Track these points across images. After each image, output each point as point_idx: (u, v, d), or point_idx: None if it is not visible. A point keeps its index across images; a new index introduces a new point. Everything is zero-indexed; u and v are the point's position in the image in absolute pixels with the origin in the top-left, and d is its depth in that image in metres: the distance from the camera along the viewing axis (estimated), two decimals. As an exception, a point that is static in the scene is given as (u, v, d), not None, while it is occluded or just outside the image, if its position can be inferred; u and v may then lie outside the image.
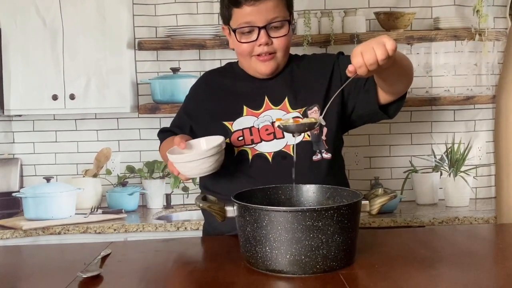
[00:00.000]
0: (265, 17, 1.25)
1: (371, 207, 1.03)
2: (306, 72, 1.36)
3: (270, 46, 1.28)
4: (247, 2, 1.24)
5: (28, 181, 2.07)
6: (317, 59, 1.41)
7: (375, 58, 0.98)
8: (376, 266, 1.00)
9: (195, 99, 1.42)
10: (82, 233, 1.92)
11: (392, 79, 1.17)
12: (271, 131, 1.29)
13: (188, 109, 1.43)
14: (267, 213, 0.94)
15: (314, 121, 1.11)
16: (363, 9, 2.00)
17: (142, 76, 2.04)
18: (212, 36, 2.00)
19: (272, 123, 1.30)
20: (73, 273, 0.99)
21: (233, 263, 1.03)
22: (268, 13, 1.25)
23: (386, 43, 0.98)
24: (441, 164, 2.03)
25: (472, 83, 2.02)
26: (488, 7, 1.98)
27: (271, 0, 1.25)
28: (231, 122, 1.31)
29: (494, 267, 1.05)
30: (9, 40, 2.01)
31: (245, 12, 1.25)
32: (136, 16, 2.01)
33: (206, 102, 1.38)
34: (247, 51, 1.29)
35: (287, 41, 1.29)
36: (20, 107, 2.03)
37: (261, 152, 1.29)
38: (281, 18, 1.27)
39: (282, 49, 1.29)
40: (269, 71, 1.32)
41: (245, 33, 1.28)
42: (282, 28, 1.28)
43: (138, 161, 2.07)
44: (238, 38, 1.29)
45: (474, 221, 1.93)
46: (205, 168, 1.17)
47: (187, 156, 1.18)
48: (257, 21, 1.26)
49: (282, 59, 1.32)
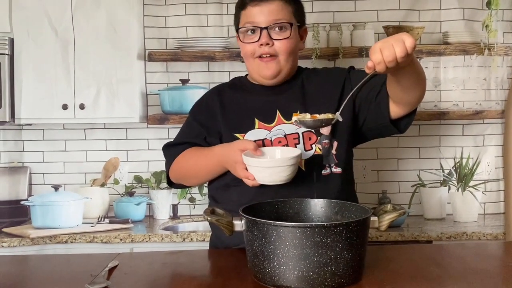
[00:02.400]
0: (268, 18, 1.28)
1: (380, 223, 1.02)
2: (317, 86, 1.36)
3: (271, 48, 1.29)
4: (251, 3, 1.28)
5: (36, 189, 2.08)
6: (328, 73, 1.41)
7: (394, 55, 0.98)
8: (384, 283, 0.99)
9: (207, 110, 1.41)
10: (89, 242, 1.92)
11: (407, 82, 1.15)
12: (284, 143, 1.29)
13: (200, 119, 1.41)
14: (275, 228, 0.94)
15: (332, 117, 1.12)
16: (372, 23, 2.01)
17: (152, 87, 2.05)
18: (222, 49, 2.01)
19: (285, 136, 1.30)
20: (80, 285, 0.99)
21: (240, 278, 1.02)
22: (271, 15, 1.28)
23: (405, 40, 0.98)
24: (449, 178, 2.02)
25: (481, 97, 2.02)
26: (498, 22, 1.98)
27: (275, 3, 1.28)
28: (243, 134, 1.32)
29: (503, 286, 1.04)
30: (21, 49, 2.03)
31: (250, 13, 1.30)
32: (147, 27, 2.03)
33: (218, 114, 1.38)
34: (250, 51, 1.31)
35: (289, 44, 1.30)
36: (30, 116, 2.04)
37: None
38: (283, 20, 1.29)
39: (284, 52, 1.30)
40: (271, 74, 1.32)
41: (248, 34, 1.30)
42: (284, 31, 1.30)
43: (146, 171, 2.08)
44: (242, 38, 1.32)
45: (483, 236, 1.91)
46: (283, 176, 1.16)
47: (266, 161, 1.17)
48: (259, 21, 1.29)
49: (285, 64, 1.32)
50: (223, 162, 1.24)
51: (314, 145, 1.29)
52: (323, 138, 1.30)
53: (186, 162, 1.36)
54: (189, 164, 1.35)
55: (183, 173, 1.37)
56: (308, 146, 1.29)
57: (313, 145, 1.29)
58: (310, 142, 1.29)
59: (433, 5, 2.00)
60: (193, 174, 1.35)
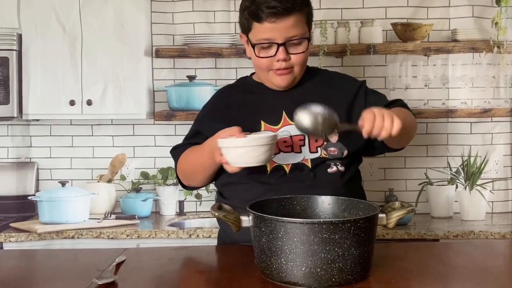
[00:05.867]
0: (285, 35, 1.26)
1: (388, 221, 1.02)
2: (326, 89, 1.35)
3: (288, 62, 1.28)
4: (268, 19, 1.24)
5: (43, 185, 2.10)
6: (340, 79, 1.40)
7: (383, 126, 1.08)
8: (392, 280, 0.98)
9: (213, 114, 1.39)
10: (95, 238, 1.93)
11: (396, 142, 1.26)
12: (289, 144, 1.29)
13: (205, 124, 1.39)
14: (283, 224, 0.94)
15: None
16: (380, 20, 2.00)
17: (159, 83, 2.06)
18: (229, 45, 2.01)
19: (291, 137, 1.29)
20: (87, 279, 0.99)
21: (247, 274, 1.02)
22: (288, 31, 1.25)
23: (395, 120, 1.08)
24: (456, 177, 2.01)
25: (489, 95, 2.01)
26: (507, 19, 1.97)
27: (292, 18, 1.25)
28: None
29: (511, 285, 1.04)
30: (29, 46, 2.04)
31: (266, 28, 1.25)
32: (154, 24, 2.03)
33: (223, 118, 1.36)
34: (265, 65, 1.30)
35: (305, 57, 1.30)
36: (38, 112, 2.06)
37: (279, 164, 1.28)
38: (300, 35, 1.27)
39: (300, 64, 1.30)
40: (285, 84, 1.32)
41: (264, 48, 1.28)
42: (300, 45, 1.28)
43: (153, 167, 2.09)
44: (257, 53, 1.29)
45: (490, 235, 1.90)
46: (252, 157, 1.13)
47: (238, 141, 1.15)
48: (276, 37, 1.26)
49: (299, 73, 1.33)
50: (211, 152, 1.23)
51: (320, 149, 1.28)
52: (330, 145, 1.29)
53: (186, 160, 1.36)
54: (188, 162, 1.35)
55: (187, 173, 1.37)
56: (314, 148, 1.29)
57: (318, 148, 1.28)
58: (316, 145, 1.28)
59: (442, 2, 1.99)
60: (193, 172, 1.34)
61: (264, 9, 1.23)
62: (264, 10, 1.23)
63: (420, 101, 2.02)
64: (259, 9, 1.24)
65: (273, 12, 1.23)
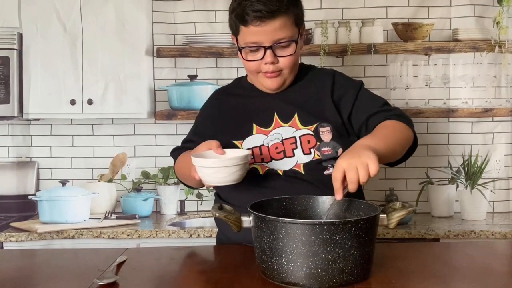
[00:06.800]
0: (272, 38, 1.24)
1: (389, 221, 1.02)
2: (313, 86, 1.35)
3: (276, 65, 1.27)
4: (253, 22, 1.22)
5: (44, 184, 2.09)
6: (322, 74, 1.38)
7: (357, 179, 1.00)
8: (393, 281, 0.98)
9: (205, 121, 1.40)
10: (96, 238, 1.93)
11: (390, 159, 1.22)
12: (281, 149, 1.28)
13: (199, 131, 1.40)
14: (284, 225, 0.94)
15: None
16: (381, 20, 2.00)
17: (160, 83, 2.06)
18: (230, 45, 2.01)
19: (282, 141, 1.28)
20: (88, 279, 0.99)
21: (248, 274, 1.02)
22: (275, 34, 1.24)
23: (370, 165, 1.00)
24: (457, 176, 2.01)
25: (491, 95, 2.00)
26: (509, 18, 1.97)
27: (278, 20, 1.23)
28: (241, 141, 1.30)
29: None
30: (30, 45, 2.04)
31: (252, 32, 1.24)
32: (155, 23, 2.03)
33: (216, 123, 1.37)
34: (254, 68, 1.29)
35: (293, 60, 1.28)
36: (38, 111, 2.05)
37: (272, 168, 1.28)
38: (287, 38, 1.25)
39: (289, 67, 1.29)
40: (275, 87, 1.32)
41: (252, 51, 1.27)
42: (289, 47, 1.27)
43: (153, 167, 2.09)
44: (244, 56, 1.29)
45: (491, 235, 1.90)
46: (222, 176, 1.15)
47: (208, 161, 1.16)
48: (263, 41, 1.24)
49: (289, 75, 1.31)
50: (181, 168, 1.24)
51: (313, 150, 1.27)
52: (323, 146, 1.28)
53: (180, 165, 1.37)
54: (181, 167, 1.36)
55: (182, 177, 1.38)
56: (307, 150, 1.27)
57: (312, 150, 1.28)
58: (309, 146, 1.27)
59: (443, 1, 1.99)
60: (187, 177, 1.31)
61: (250, 12, 1.22)
62: (250, 14, 1.22)
63: (421, 101, 2.02)
64: (244, 12, 1.23)
65: (258, 16, 1.21)
